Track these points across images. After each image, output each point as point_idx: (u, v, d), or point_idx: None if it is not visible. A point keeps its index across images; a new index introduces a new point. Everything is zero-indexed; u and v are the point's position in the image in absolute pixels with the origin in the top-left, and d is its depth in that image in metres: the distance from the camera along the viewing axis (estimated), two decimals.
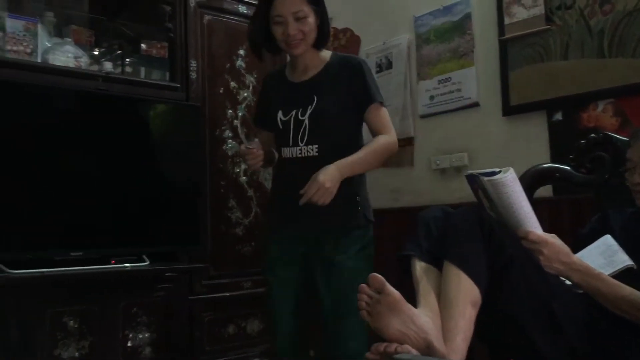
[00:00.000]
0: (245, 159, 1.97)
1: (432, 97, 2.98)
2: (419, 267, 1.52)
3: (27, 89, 2.11)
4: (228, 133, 2.73)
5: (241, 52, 2.80)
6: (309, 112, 1.94)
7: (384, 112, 1.98)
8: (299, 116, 1.95)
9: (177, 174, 2.50)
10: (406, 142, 3.01)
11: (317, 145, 1.92)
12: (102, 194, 2.25)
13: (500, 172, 1.33)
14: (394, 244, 1.86)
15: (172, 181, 2.47)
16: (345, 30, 3.43)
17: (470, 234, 1.48)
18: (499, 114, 2.67)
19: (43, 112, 2.14)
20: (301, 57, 1.99)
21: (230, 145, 2.73)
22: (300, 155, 1.94)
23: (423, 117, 3.00)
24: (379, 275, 1.39)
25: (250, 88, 2.82)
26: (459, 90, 2.86)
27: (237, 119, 2.77)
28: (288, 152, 1.96)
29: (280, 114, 1.98)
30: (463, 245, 1.47)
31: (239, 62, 2.80)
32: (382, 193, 2.97)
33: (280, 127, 1.98)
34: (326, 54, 2.04)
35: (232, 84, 2.77)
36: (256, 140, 2.04)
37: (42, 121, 2.13)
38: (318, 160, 1.88)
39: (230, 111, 2.75)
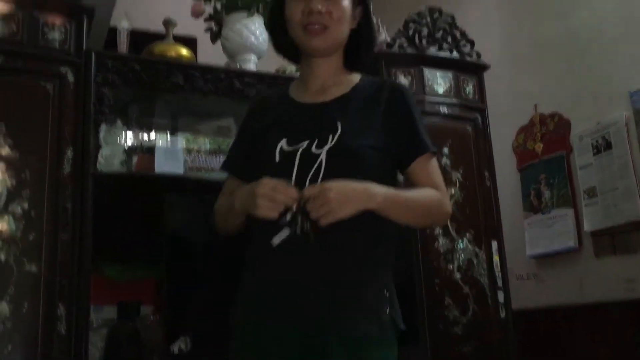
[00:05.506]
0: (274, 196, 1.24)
1: None
2: None
3: None
4: (438, 230, 2.74)
5: (445, 150, 2.85)
6: (329, 145, 1.33)
7: (436, 166, 1.44)
8: (313, 149, 1.33)
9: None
10: (636, 227, 2.74)
11: None
12: None
13: None
14: (628, 339, 1.67)
15: None
16: (553, 114, 3.32)
17: None
18: None
19: None
20: (319, 68, 1.45)
21: (441, 242, 2.73)
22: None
23: None
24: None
25: (457, 185, 2.84)
26: None
27: None
28: None
29: (283, 144, 1.36)
30: None
31: (444, 160, 2.85)
32: (613, 283, 2.70)
33: (277, 160, 1.35)
34: (355, 76, 1.50)
35: None
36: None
37: None
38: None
39: None
